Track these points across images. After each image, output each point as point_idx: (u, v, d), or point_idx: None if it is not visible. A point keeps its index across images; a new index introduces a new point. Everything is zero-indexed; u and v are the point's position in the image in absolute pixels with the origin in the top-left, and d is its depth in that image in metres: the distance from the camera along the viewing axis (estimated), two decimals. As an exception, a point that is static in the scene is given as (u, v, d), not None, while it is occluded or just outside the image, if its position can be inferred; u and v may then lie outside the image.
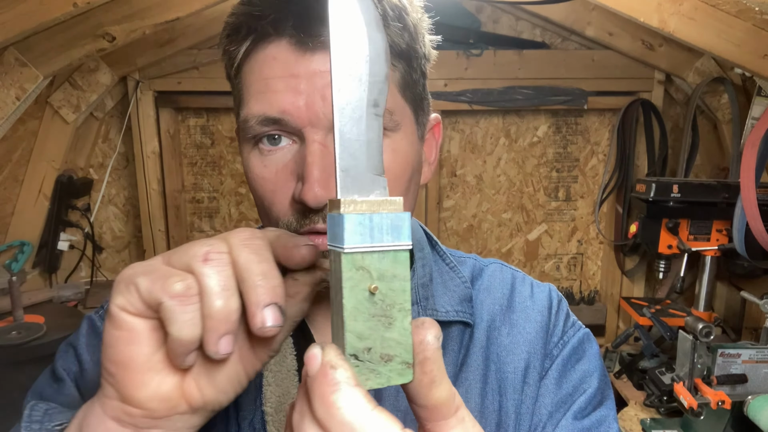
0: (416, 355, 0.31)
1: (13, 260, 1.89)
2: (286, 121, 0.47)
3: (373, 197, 0.31)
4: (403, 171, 0.52)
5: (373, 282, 0.30)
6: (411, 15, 0.51)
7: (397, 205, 0.31)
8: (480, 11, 2.22)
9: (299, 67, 0.47)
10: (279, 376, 0.57)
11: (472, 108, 2.19)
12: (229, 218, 2.40)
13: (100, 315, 0.63)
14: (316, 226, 0.48)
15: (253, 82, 0.49)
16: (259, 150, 0.50)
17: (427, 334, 0.31)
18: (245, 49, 0.49)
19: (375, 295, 0.30)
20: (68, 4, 1.29)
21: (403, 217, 0.31)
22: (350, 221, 0.30)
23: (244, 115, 0.49)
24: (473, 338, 0.60)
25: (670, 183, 1.72)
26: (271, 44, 0.48)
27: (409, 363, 0.31)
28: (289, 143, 0.50)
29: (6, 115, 1.56)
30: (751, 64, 1.52)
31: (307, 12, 0.46)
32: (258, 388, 0.56)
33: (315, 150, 0.47)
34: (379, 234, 0.30)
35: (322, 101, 0.47)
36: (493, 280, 0.65)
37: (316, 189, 0.46)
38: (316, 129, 0.47)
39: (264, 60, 0.48)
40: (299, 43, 0.47)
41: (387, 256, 0.31)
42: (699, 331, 1.35)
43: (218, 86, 2.12)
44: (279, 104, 0.47)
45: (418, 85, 0.54)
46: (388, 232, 0.30)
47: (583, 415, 0.59)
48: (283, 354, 0.58)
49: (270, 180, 0.50)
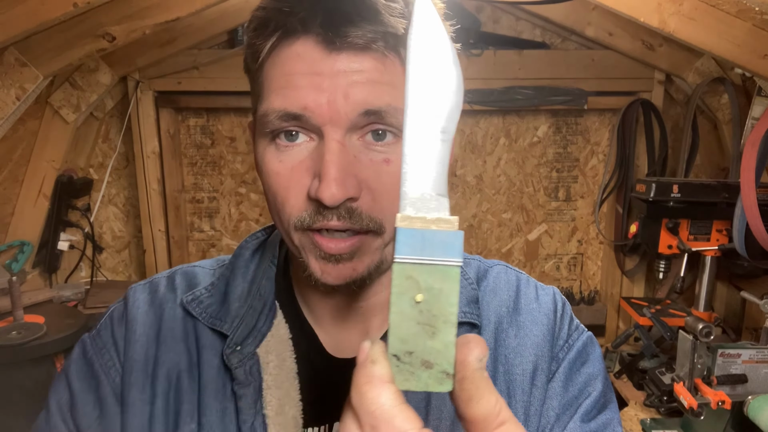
0: (457, 371, 0.32)
1: (13, 260, 1.89)
2: (306, 117, 0.47)
3: (431, 215, 0.33)
4: None
5: (420, 292, 0.32)
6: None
7: (451, 224, 0.33)
8: (480, 11, 2.22)
9: (323, 66, 0.47)
10: (279, 379, 0.57)
11: (472, 108, 2.19)
12: (229, 218, 2.40)
13: (92, 338, 0.63)
14: (329, 222, 0.48)
15: (275, 77, 0.49)
16: (275, 145, 0.50)
17: (469, 354, 0.32)
18: (271, 44, 0.49)
19: (420, 304, 0.32)
20: (68, 4, 1.29)
21: (455, 236, 0.33)
22: (402, 234, 0.32)
23: (264, 109, 0.49)
24: None
25: (670, 183, 1.72)
26: (297, 41, 0.48)
27: (450, 373, 0.33)
28: (306, 140, 0.49)
29: (6, 115, 1.56)
30: (751, 64, 1.51)
31: (337, 12, 0.46)
32: (258, 392, 0.56)
33: (334, 148, 0.47)
34: (430, 249, 0.32)
35: (344, 100, 0.47)
36: (499, 282, 0.65)
37: (333, 188, 0.46)
38: (336, 127, 0.47)
39: (288, 56, 0.48)
40: (326, 42, 0.47)
41: (436, 271, 0.32)
42: (699, 331, 1.35)
43: (218, 86, 2.12)
44: (301, 100, 0.47)
45: None
46: (439, 248, 0.32)
47: (590, 418, 0.59)
48: (282, 357, 0.58)
49: (285, 176, 0.50)
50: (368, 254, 0.51)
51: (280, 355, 0.58)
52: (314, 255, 0.51)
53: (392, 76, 0.49)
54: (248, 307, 0.59)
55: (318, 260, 0.51)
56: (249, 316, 0.59)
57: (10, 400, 1.46)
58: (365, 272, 0.52)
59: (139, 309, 0.62)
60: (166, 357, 0.59)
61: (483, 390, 0.32)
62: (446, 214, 0.33)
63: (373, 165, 0.49)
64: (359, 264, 0.51)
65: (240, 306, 0.59)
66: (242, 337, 0.57)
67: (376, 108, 0.48)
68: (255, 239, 0.65)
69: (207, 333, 0.59)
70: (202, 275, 0.65)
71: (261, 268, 0.62)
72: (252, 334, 0.58)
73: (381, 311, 0.61)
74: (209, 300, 0.61)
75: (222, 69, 2.08)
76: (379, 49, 0.48)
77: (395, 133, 0.50)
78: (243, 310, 0.59)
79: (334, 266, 0.50)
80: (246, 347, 0.57)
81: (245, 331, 0.58)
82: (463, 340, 0.33)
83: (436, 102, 0.34)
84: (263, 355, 0.57)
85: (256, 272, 0.62)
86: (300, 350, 0.59)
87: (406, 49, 0.48)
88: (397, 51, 0.49)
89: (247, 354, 0.57)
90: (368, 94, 0.47)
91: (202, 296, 0.61)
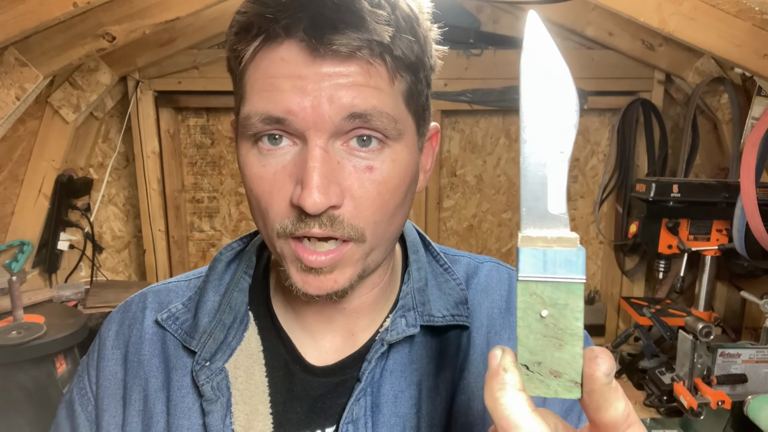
0: (584, 383, 0.33)
1: (13, 260, 1.89)
2: (289, 121, 0.47)
3: (552, 234, 0.34)
4: (402, 180, 0.51)
5: (546, 308, 0.34)
6: (422, 26, 0.51)
7: (572, 243, 0.34)
8: (480, 11, 2.22)
9: (307, 70, 0.46)
10: (246, 394, 0.56)
11: (472, 108, 2.19)
12: (229, 218, 2.40)
13: (81, 364, 0.64)
14: (311, 230, 0.48)
15: (257, 80, 0.48)
16: (258, 149, 0.49)
17: (597, 370, 0.33)
18: (253, 48, 0.49)
19: (546, 319, 0.34)
20: (68, 4, 1.29)
21: (577, 254, 0.34)
22: (524, 254, 0.34)
23: (246, 112, 0.48)
24: (473, 343, 0.59)
25: (670, 183, 1.72)
26: (281, 46, 0.47)
27: (578, 382, 0.34)
28: (289, 144, 0.49)
29: (6, 115, 1.56)
30: (751, 64, 1.51)
31: (321, 19, 0.45)
32: (226, 407, 0.55)
33: (317, 155, 0.46)
34: (552, 267, 0.34)
35: (328, 103, 0.46)
36: (490, 281, 0.64)
37: (315, 195, 0.45)
38: (320, 132, 0.46)
39: (272, 60, 0.47)
40: (309, 47, 0.46)
41: (560, 287, 0.34)
42: (699, 331, 1.35)
43: (218, 86, 2.12)
44: (284, 103, 0.46)
45: (422, 95, 0.53)
46: (561, 266, 0.34)
47: None
48: (250, 372, 0.57)
49: (268, 180, 0.49)
50: (350, 266, 0.50)
51: (248, 370, 0.57)
52: (296, 267, 0.50)
53: (378, 81, 0.48)
54: (217, 322, 0.58)
55: (299, 271, 0.50)
56: (218, 331, 0.58)
57: (10, 400, 1.46)
58: (347, 284, 0.51)
59: (110, 333, 0.62)
60: (134, 380, 0.59)
61: (612, 399, 0.33)
62: (567, 232, 0.34)
63: (356, 172, 0.48)
64: (340, 276, 0.50)
65: (209, 321, 0.58)
66: (210, 353, 0.56)
67: (361, 111, 0.47)
68: (230, 250, 0.64)
69: (179, 351, 0.59)
70: (176, 291, 0.64)
71: (234, 279, 0.61)
72: (221, 349, 0.57)
73: (367, 312, 0.60)
74: (185, 316, 0.60)
75: (222, 69, 2.04)
76: (364, 56, 0.46)
77: (380, 139, 0.49)
78: (212, 325, 0.58)
79: (316, 277, 0.50)
80: (215, 362, 0.56)
81: (213, 346, 0.57)
82: (590, 353, 0.33)
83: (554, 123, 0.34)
84: (232, 370, 0.56)
85: (229, 284, 0.61)
86: (276, 362, 0.58)
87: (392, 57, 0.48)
88: (383, 58, 0.48)
89: (215, 370, 0.56)
90: (353, 98, 0.46)
91: (178, 312, 0.60)
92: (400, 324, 0.57)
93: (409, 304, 0.58)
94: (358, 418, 0.54)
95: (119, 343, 0.61)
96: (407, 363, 0.57)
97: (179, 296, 0.63)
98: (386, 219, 0.51)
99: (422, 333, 0.58)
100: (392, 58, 0.48)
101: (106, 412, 0.58)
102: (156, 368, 0.59)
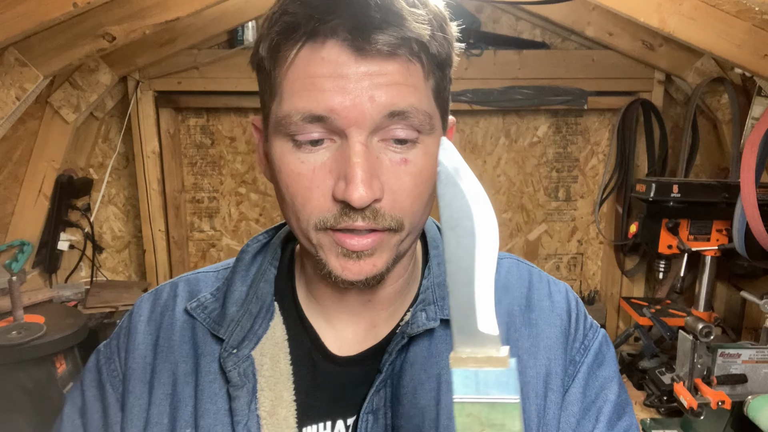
0: None
1: (13, 260, 1.89)
2: (331, 119, 0.48)
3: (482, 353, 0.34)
4: (434, 171, 0.52)
5: (484, 428, 0.34)
6: (449, 24, 0.54)
7: (503, 362, 0.34)
8: (480, 11, 2.22)
9: (348, 69, 0.47)
10: (272, 381, 0.57)
11: (472, 108, 2.19)
12: (229, 218, 2.40)
13: (104, 347, 0.65)
14: (354, 223, 0.50)
15: (297, 79, 0.49)
16: (296, 146, 0.50)
17: None
18: (297, 48, 0.49)
19: None
20: (68, 4, 1.29)
21: (508, 374, 0.34)
22: (456, 375, 0.34)
23: (287, 110, 0.49)
24: None
25: (670, 183, 1.72)
26: (323, 46, 0.48)
27: None
28: (328, 141, 0.50)
29: (6, 115, 1.56)
30: (751, 64, 1.51)
31: (366, 19, 0.47)
32: (252, 393, 0.56)
33: (359, 151, 0.48)
34: (484, 387, 0.34)
35: (369, 102, 0.48)
36: (510, 278, 0.65)
37: (361, 190, 0.47)
38: (361, 129, 0.48)
39: (312, 59, 0.48)
40: (353, 47, 0.47)
41: (496, 407, 0.34)
42: (699, 331, 1.35)
43: (218, 86, 2.12)
44: (326, 102, 0.48)
45: (447, 90, 0.56)
46: (493, 387, 0.34)
47: (611, 426, 0.59)
48: (275, 359, 0.58)
49: (306, 177, 0.50)
50: (387, 250, 0.53)
51: (274, 357, 0.58)
52: (334, 252, 0.52)
53: (415, 79, 0.50)
54: (244, 311, 0.60)
55: (339, 257, 0.52)
56: (245, 320, 0.59)
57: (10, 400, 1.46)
58: (383, 268, 0.53)
59: (141, 318, 0.64)
60: (164, 365, 0.60)
61: None
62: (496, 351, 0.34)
63: (392, 166, 0.50)
64: (378, 260, 0.52)
65: (237, 310, 0.60)
66: (238, 341, 0.58)
67: (400, 109, 0.49)
68: (257, 242, 0.66)
69: (208, 338, 0.61)
70: (205, 280, 0.67)
71: (260, 270, 0.63)
72: (248, 337, 0.59)
73: (389, 305, 0.61)
74: (213, 305, 0.62)
75: (222, 69, 2.08)
76: (404, 54, 0.48)
77: (413, 138, 0.51)
78: (239, 314, 0.60)
79: (355, 262, 0.51)
80: (242, 350, 0.58)
81: (240, 334, 0.59)
82: None
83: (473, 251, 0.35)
84: (258, 358, 0.58)
85: (255, 275, 0.63)
86: (300, 351, 0.59)
87: (427, 55, 0.50)
88: (420, 57, 0.50)
89: (242, 357, 0.58)
90: (393, 96, 0.48)
91: (206, 301, 0.63)
92: (420, 317, 0.58)
93: (430, 299, 0.60)
94: (378, 408, 0.56)
95: (151, 329, 0.63)
96: (427, 356, 0.58)
97: (208, 286, 0.65)
98: (422, 208, 0.54)
99: (442, 327, 0.59)
100: (428, 56, 0.51)
101: (132, 394, 0.60)
102: (186, 354, 0.60)
